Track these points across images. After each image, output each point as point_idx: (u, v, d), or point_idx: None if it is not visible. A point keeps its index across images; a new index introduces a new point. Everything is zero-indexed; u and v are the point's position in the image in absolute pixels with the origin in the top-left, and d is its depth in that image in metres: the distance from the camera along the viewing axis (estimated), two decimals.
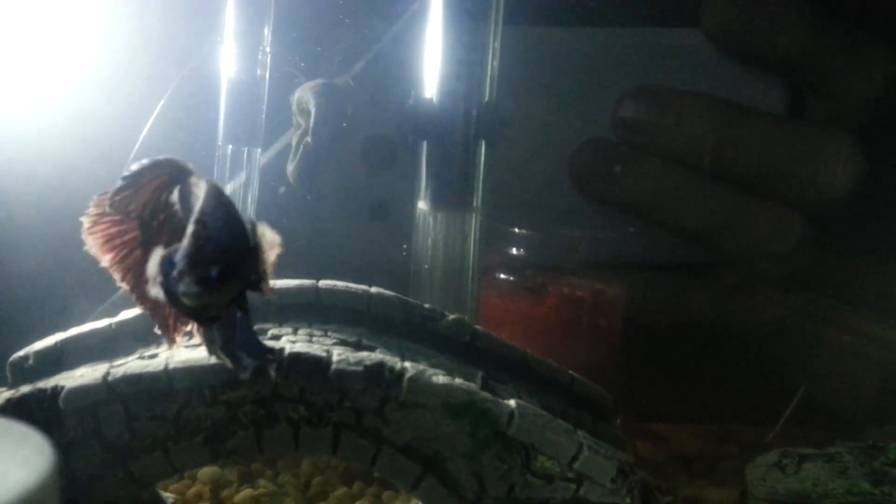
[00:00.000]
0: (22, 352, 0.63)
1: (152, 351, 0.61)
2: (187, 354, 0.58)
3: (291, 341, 0.61)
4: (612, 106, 0.94)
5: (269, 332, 0.63)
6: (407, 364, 0.58)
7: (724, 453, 0.82)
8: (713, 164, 0.91)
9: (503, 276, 0.91)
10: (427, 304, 0.69)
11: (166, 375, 0.57)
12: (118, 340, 0.63)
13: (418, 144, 0.83)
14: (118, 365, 0.59)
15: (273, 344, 0.58)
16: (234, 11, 0.80)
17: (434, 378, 0.58)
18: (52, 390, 0.57)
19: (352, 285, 0.68)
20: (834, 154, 0.91)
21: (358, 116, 0.89)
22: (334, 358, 0.58)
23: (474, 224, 0.83)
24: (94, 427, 0.57)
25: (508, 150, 0.87)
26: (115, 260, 0.57)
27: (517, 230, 0.93)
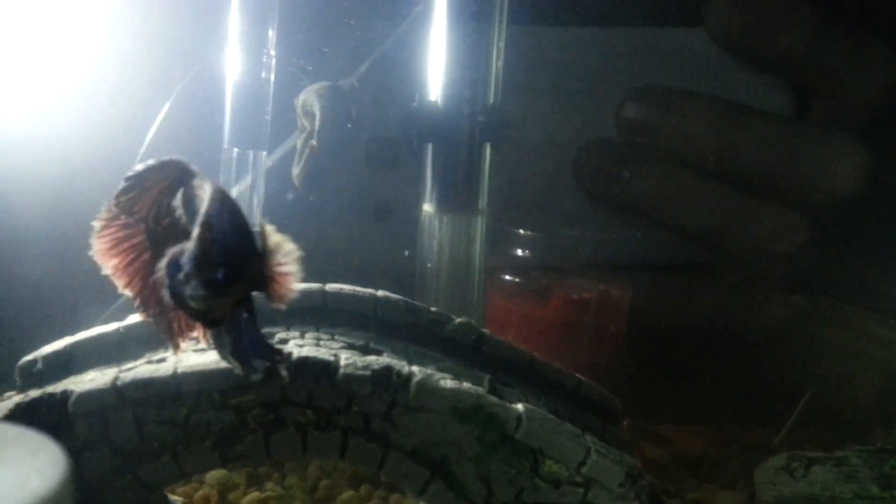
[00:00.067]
0: (31, 355, 0.63)
1: (160, 355, 0.61)
2: (196, 359, 0.58)
3: (299, 345, 0.61)
4: (616, 106, 0.94)
5: (277, 336, 0.63)
6: (415, 368, 0.58)
7: (730, 456, 0.82)
8: (716, 165, 0.91)
9: (508, 278, 0.91)
10: (433, 308, 0.69)
11: (175, 380, 0.57)
12: (126, 344, 0.63)
13: (423, 147, 0.83)
14: (127, 369, 0.59)
15: (280, 348, 0.58)
16: (239, 14, 0.81)
17: (442, 382, 0.58)
18: (62, 395, 0.57)
19: (358, 289, 0.68)
20: (837, 154, 0.91)
21: (362, 119, 0.89)
22: (342, 362, 0.58)
23: (480, 226, 0.83)
24: (104, 431, 0.57)
25: (512, 151, 0.87)
26: (121, 265, 0.57)
27: (521, 231, 0.93)
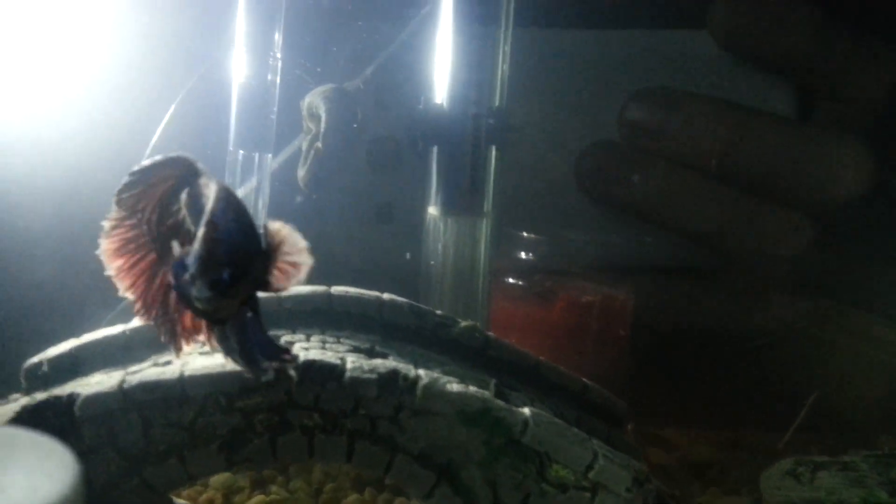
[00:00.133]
0: (36, 358, 0.63)
1: (166, 358, 0.61)
2: (203, 362, 0.58)
3: (304, 348, 0.61)
4: (619, 108, 0.94)
5: (282, 339, 0.63)
6: (421, 371, 0.58)
7: (736, 460, 0.82)
8: (719, 167, 0.91)
9: (512, 281, 0.91)
10: (438, 311, 0.69)
11: (181, 383, 0.57)
12: (132, 347, 0.63)
13: (428, 149, 0.83)
14: (133, 372, 0.59)
15: (288, 347, 0.58)
16: (245, 16, 0.80)
17: (448, 386, 0.58)
18: (68, 398, 0.57)
19: (364, 291, 0.68)
20: (840, 156, 0.91)
21: (368, 121, 0.89)
22: (348, 365, 0.58)
23: (485, 229, 0.83)
24: (110, 434, 0.57)
25: (516, 153, 0.87)
26: (125, 266, 0.57)
27: (525, 234, 0.93)
